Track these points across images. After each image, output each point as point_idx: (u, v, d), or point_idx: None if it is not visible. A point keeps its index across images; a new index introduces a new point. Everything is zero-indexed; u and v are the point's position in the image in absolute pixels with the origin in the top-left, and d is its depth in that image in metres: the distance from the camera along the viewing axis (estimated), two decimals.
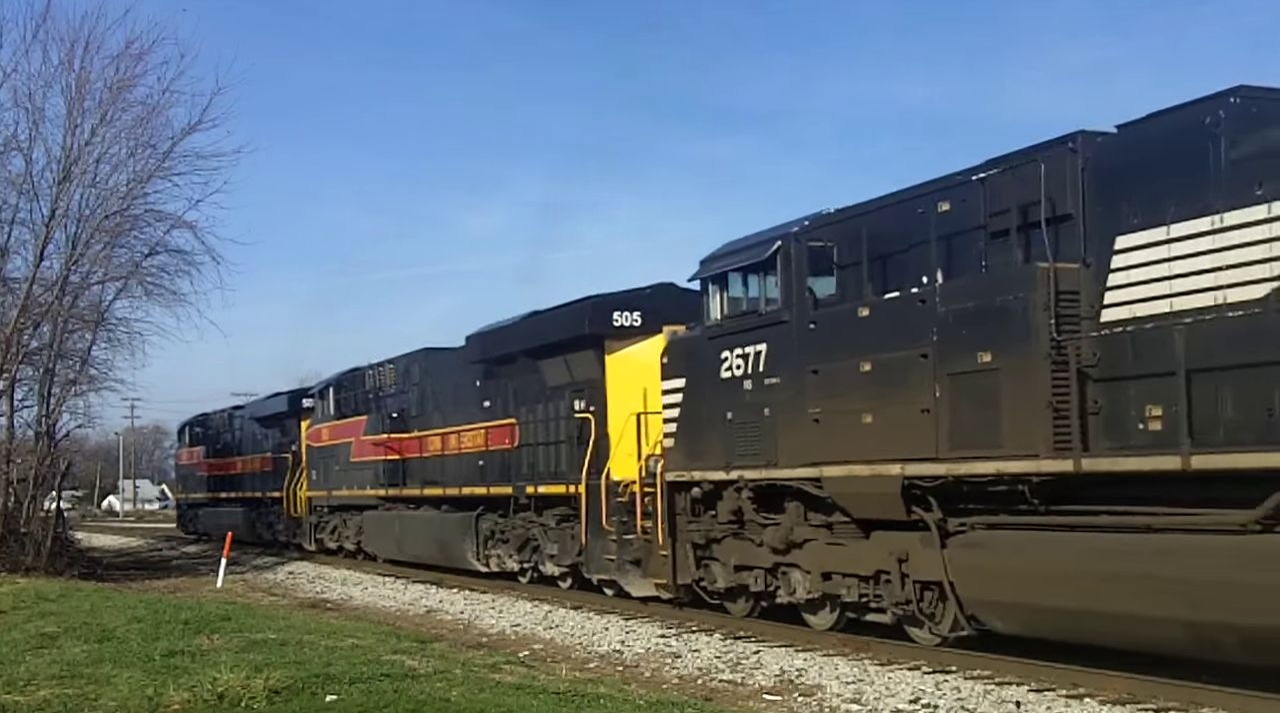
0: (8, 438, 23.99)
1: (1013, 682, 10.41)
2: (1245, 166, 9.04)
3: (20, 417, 25.01)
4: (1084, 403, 9.83)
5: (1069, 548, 10.07)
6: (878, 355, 11.59)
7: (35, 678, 9.75)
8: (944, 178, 11.53)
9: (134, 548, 39.64)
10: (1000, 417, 10.30)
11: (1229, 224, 8.91)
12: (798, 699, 10.38)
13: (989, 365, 10.40)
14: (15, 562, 21.85)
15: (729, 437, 13.65)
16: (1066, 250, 10.22)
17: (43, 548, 23.05)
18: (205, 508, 40.75)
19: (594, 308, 17.54)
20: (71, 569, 23.49)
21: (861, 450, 11.77)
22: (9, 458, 23.50)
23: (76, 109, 23.58)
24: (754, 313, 13.55)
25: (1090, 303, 9.96)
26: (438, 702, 8.45)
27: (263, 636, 12.10)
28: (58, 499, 26.84)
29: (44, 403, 24.66)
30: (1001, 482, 10.42)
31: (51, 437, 25.02)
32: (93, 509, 70.73)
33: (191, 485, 43.38)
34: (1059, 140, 10.41)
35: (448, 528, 21.90)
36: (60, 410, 25.34)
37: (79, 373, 25.50)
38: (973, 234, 11.07)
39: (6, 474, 23.34)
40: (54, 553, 23.61)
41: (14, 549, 22.35)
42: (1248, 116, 9.23)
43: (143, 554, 35.98)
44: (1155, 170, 9.61)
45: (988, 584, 10.88)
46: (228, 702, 8.46)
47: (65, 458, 27.28)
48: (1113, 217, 9.90)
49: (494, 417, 20.40)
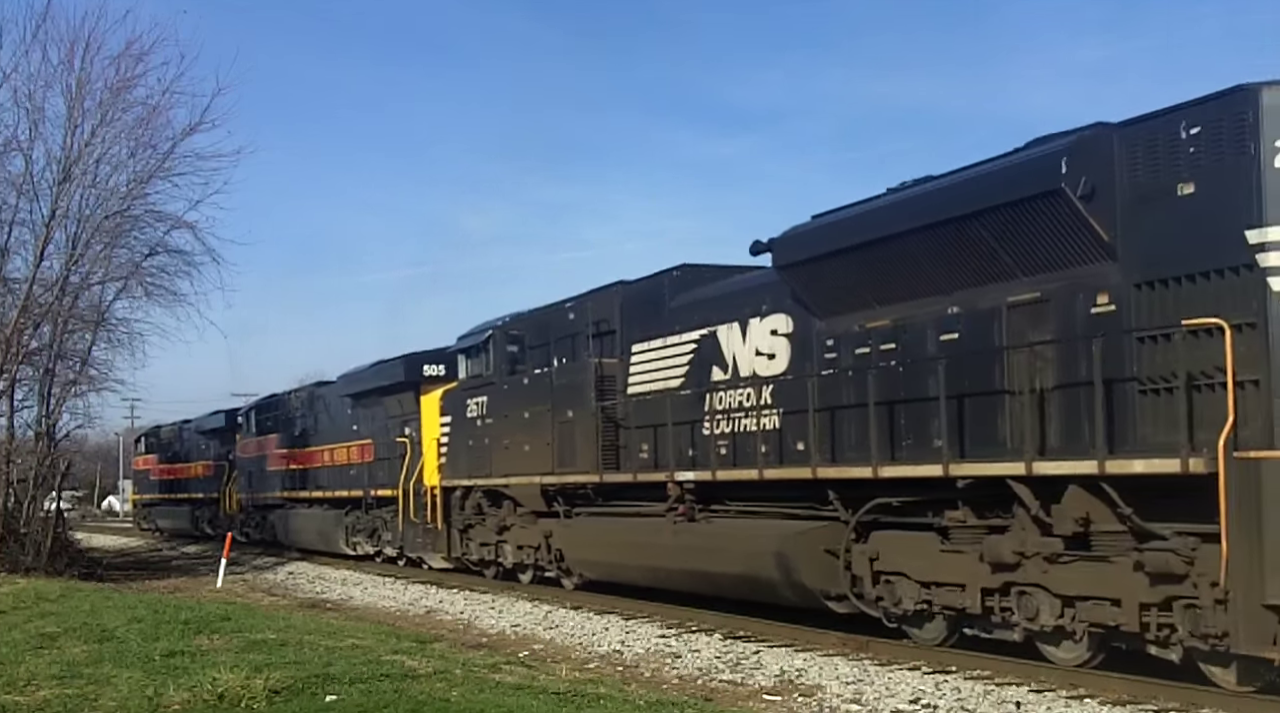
0: (8, 438, 23.87)
1: (1013, 682, 10.35)
2: (677, 312, 15.89)
3: (20, 417, 24.98)
4: (617, 441, 16.60)
5: (608, 525, 16.82)
6: (530, 408, 18.60)
7: (35, 678, 9.74)
8: (569, 298, 18.17)
9: (134, 548, 39.51)
10: (577, 449, 17.20)
11: (669, 344, 15.68)
12: (798, 699, 10.36)
13: (572, 419, 17.35)
14: (15, 562, 21.79)
15: (470, 457, 20.70)
16: (610, 351, 16.93)
17: (43, 548, 22.93)
18: (158, 506, 46.80)
19: (409, 362, 24.43)
20: (71, 569, 23.43)
21: (523, 468, 18.71)
22: (9, 458, 23.38)
23: (77, 109, 23.51)
24: (479, 376, 20.50)
25: (622, 382, 16.53)
26: (438, 702, 8.47)
27: (263, 636, 12.16)
28: (58, 499, 26.80)
29: (44, 403, 24.56)
30: (581, 486, 17.23)
31: (51, 437, 24.93)
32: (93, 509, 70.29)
33: (146, 488, 49.38)
34: (611, 286, 17.27)
35: (326, 522, 28.55)
36: (60, 411, 25.31)
37: (79, 373, 25.35)
38: (575, 337, 17.72)
39: (6, 474, 23.21)
40: (54, 553, 23.49)
41: (14, 549, 22.27)
42: (680, 282, 16.31)
43: (143, 554, 35.95)
44: (644, 310, 16.48)
45: (577, 548, 17.72)
46: (228, 702, 8.47)
47: (65, 458, 27.16)
48: (631, 333, 16.56)
49: (359, 438, 26.93)
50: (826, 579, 12.66)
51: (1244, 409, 8.81)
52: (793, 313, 13.50)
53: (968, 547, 11.02)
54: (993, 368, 10.83)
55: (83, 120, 23.45)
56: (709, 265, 16.42)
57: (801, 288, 13.27)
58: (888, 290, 12.12)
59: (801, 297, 13.31)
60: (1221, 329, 8.80)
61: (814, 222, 13.37)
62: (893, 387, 11.86)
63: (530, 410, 18.60)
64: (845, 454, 12.47)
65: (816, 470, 12.61)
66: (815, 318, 13.15)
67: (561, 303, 18.53)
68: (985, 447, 10.84)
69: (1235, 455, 8.59)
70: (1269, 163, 8.79)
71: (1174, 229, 9.40)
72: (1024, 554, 10.39)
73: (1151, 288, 9.60)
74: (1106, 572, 9.75)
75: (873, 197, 12.60)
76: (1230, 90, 9.08)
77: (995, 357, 10.81)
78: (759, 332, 14.07)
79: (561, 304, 18.50)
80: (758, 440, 13.86)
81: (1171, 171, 9.42)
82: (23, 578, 20.04)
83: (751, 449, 13.93)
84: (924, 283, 11.67)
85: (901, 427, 11.86)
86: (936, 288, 11.56)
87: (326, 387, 30.51)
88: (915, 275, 11.73)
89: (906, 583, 11.86)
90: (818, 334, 13.11)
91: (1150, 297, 9.61)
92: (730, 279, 15.48)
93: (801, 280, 13.23)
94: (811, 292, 13.13)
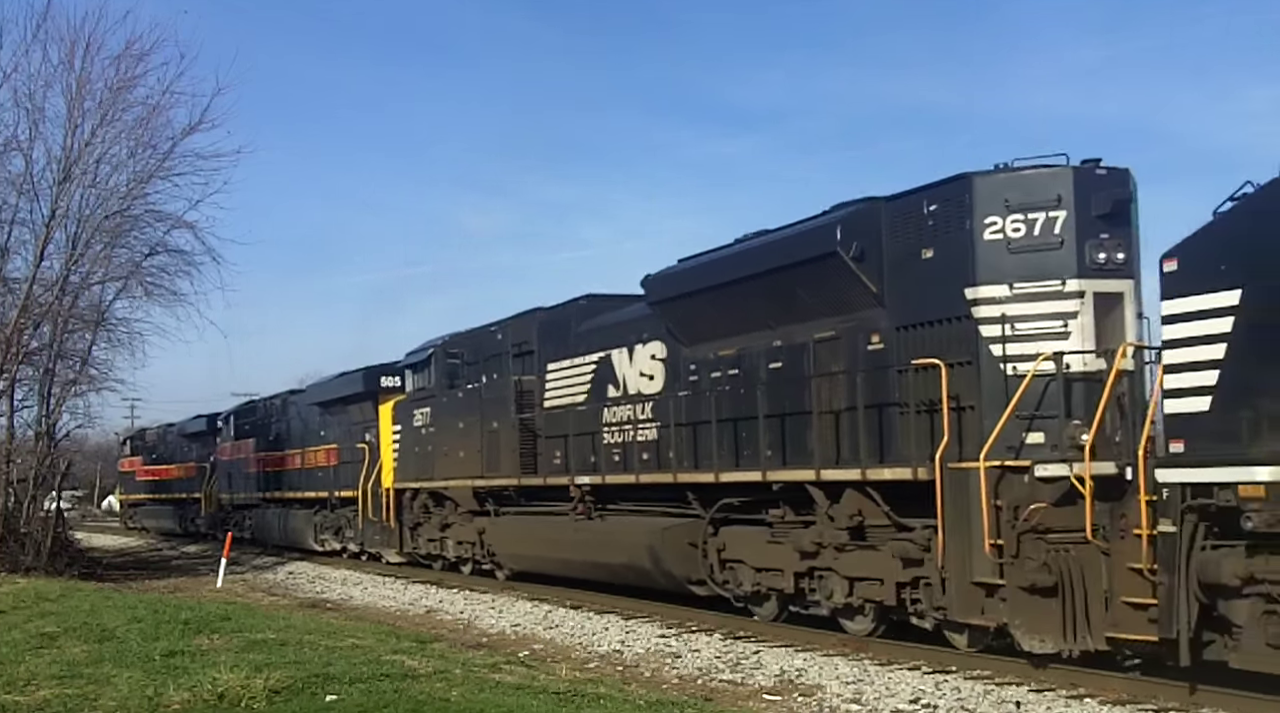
0: (8, 438, 23.80)
1: (1013, 682, 10.55)
2: (582, 337, 18.19)
3: (20, 417, 24.87)
4: (535, 449, 19.04)
5: (527, 523, 19.44)
6: (464, 419, 21.18)
7: (35, 678, 9.75)
8: (496, 321, 20.79)
9: (134, 548, 39.42)
10: (501, 456, 19.81)
11: (576, 364, 18.02)
12: (798, 699, 10.46)
13: (497, 429, 20.00)
14: (15, 562, 21.86)
15: (417, 462, 23.14)
16: (529, 370, 19.36)
17: (43, 548, 23.06)
18: (143, 506, 48.12)
19: (367, 374, 26.69)
20: (71, 569, 23.49)
21: (459, 472, 21.26)
22: (9, 458, 23.37)
23: (77, 109, 23.38)
24: (424, 389, 23.00)
25: (539, 397, 18.95)
26: (438, 702, 8.43)
27: (263, 636, 12.11)
28: (58, 499, 27.06)
29: (44, 403, 24.50)
30: (505, 489, 19.84)
31: (51, 437, 24.95)
32: (93, 509, 69.96)
33: (131, 488, 50.71)
34: (531, 311, 19.82)
35: (297, 521, 30.89)
36: (60, 410, 25.24)
37: (79, 373, 25.26)
38: (501, 356, 20.22)
39: (6, 474, 23.25)
40: (54, 553, 23.60)
41: (14, 549, 22.37)
42: (586, 310, 18.60)
43: (143, 554, 35.94)
44: (557, 334, 18.82)
45: (503, 544, 20.34)
46: (228, 702, 8.45)
47: (65, 458, 27.49)
48: (546, 353, 18.92)
49: (327, 442, 29.05)
50: (689, 567, 15.08)
51: (963, 429, 11.24)
52: (666, 341, 15.89)
53: (785, 539, 13.43)
54: (803, 392, 13.23)
55: (83, 120, 23.34)
56: (611, 295, 18.74)
57: (670, 320, 15.68)
58: (733, 325, 14.52)
59: (671, 328, 15.72)
60: (939, 366, 11.21)
61: (679, 264, 15.78)
62: (734, 405, 14.29)
63: (464, 421, 21.10)
64: (703, 462, 14.90)
65: (677, 475, 15.10)
66: (682, 346, 15.55)
67: (490, 325, 21.06)
68: (799, 456, 13.26)
69: (950, 466, 11.01)
70: (980, 236, 11.23)
71: (920, 285, 11.84)
72: (821, 544, 12.81)
73: (908, 331, 12.03)
74: (876, 558, 12.17)
75: (723, 246, 15.02)
76: (955, 177, 11.53)
77: (804, 383, 13.22)
78: (642, 356, 16.48)
79: (490, 326, 21.01)
80: (641, 450, 16.32)
81: (919, 239, 11.85)
82: (23, 578, 20.05)
83: (636, 457, 16.39)
84: (757, 320, 14.09)
85: (742, 439, 14.28)
86: (766, 324, 13.98)
87: (298, 395, 32.60)
88: (751, 313, 14.14)
89: (745, 569, 14.31)
90: (684, 360, 15.50)
91: (907, 337, 12.03)
92: (625, 309, 17.77)
93: (669, 314, 15.65)
94: (677, 324, 15.55)
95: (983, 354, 11.19)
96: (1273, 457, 8.16)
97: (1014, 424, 10.86)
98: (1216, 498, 8.65)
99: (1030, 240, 11.11)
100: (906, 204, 12.07)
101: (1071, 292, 11.04)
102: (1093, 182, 11.10)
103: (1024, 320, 11.11)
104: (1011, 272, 11.14)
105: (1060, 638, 10.29)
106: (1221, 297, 8.60)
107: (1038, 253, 11.09)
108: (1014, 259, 11.14)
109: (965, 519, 10.87)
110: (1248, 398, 8.38)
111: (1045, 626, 10.38)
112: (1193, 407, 8.79)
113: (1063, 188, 11.08)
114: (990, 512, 10.63)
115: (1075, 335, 11.02)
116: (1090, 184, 11.09)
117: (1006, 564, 10.54)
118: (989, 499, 10.62)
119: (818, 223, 13.04)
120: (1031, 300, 11.10)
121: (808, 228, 13.21)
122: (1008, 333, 11.10)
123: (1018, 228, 11.16)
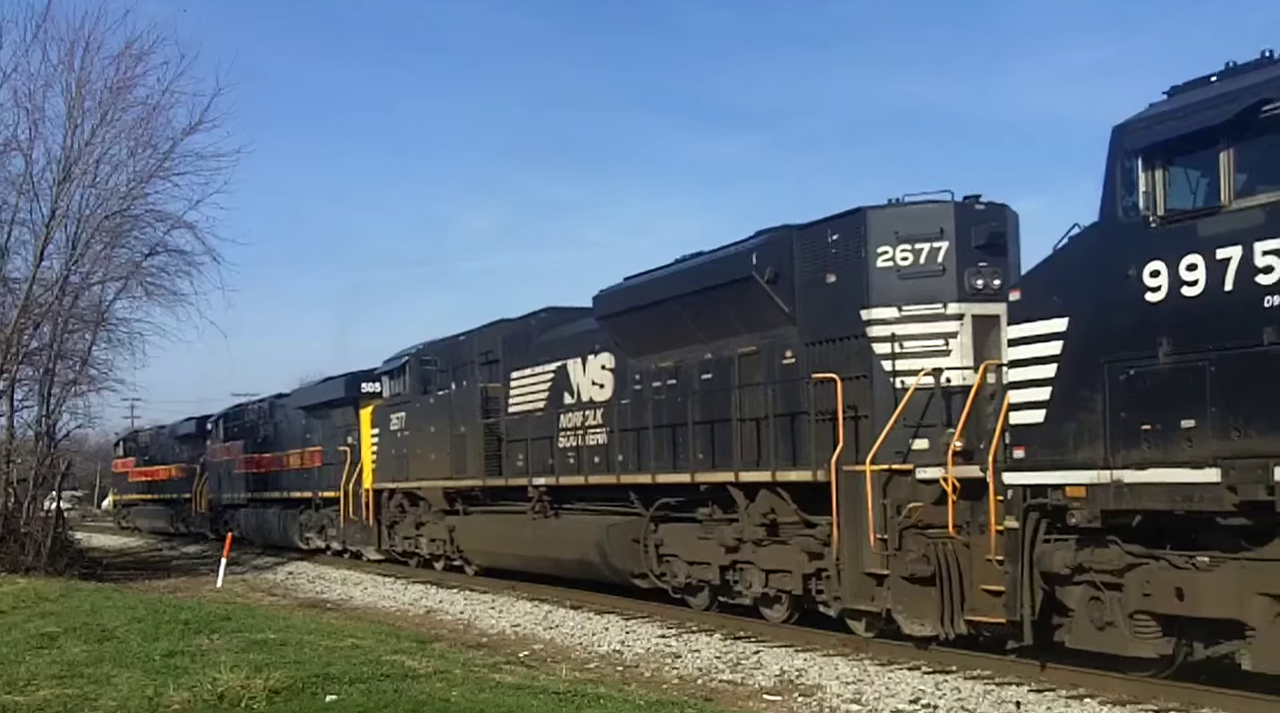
0: (8, 438, 23.92)
1: (1013, 682, 10.63)
2: (542, 347, 19.75)
3: (20, 417, 24.94)
4: (500, 451, 20.37)
5: (491, 521, 20.70)
6: (436, 423, 22.48)
7: (35, 678, 9.79)
8: (465, 331, 22.32)
9: (134, 548, 39.69)
10: (468, 458, 21.09)
11: (536, 372, 19.44)
12: (798, 699, 10.56)
13: (464, 433, 21.27)
14: (15, 562, 21.95)
15: (394, 464, 24.51)
16: (495, 377, 20.76)
17: (43, 548, 23.13)
18: (137, 506, 49.95)
19: (349, 380, 28.13)
20: (71, 569, 23.57)
21: (431, 473, 22.55)
22: (9, 458, 23.48)
23: (76, 109, 23.39)
24: (399, 395, 24.46)
25: (504, 403, 20.34)
26: (438, 702, 8.47)
27: (263, 636, 12.18)
28: (58, 499, 27.18)
29: (44, 403, 24.60)
30: (472, 489, 21.10)
31: (51, 437, 25.08)
32: (93, 509, 70.28)
33: (125, 489, 52.43)
34: (496, 323, 21.25)
35: (283, 520, 32.30)
36: (60, 411, 25.35)
37: (79, 373, 25.33)
38: (469, 364, 21.64)
39: (6, 474, 23.37)
40: (54, 553, 23.64)
41: (14, 549, 22.48)
42: (546, 322, 20.29)
43: (143, 554, 36.18)
44: (519, 344, 20.35)
45: (470, 541, 21.72)
46: (228, 702, 8.49)
47: (65, 458, 27.69)
48: (510, 362, 20.31)
49: (311, 445, 30.30)
50: (632, 561, 16.44)
51: (859, 436, 12.57)
52: (614, 352, 17.24)
53: (712, 535, 14.76)
54: (728, 401, 14.56)
55: (83, 120, 23.34)
56: (569, 308, 20.12)
57: (616, 334, 17.02)
58: (670, 339, 15.86)
59: (617, 340, 17.06)
60: (834, 380, 12.55)
61: (624, 283, 17.12)
62: (671, 413, 15.63)
63: (435, 425, 22.44)
64: (643, 465, 16.22)
65: (620, 477, 16.47)
66: (628, 357, 16.89)
67: (460, 335, 22.51)
68: (724, 460, 14.60)
69: (844, 469, 12.34)
70: (874, 263, 12.58)
71: (825, 306, 13.19)
72: (741, 540, 14.15)
73: (816, 346, 13.37)
74: (786, 551, 13.51)
75: (662, 266, 16.37)
76: (852, 211, 12.90)
77: (729, 393, 14.54)
78: (594, 366, 17.82)
79: (460, 336, 22.46)
80: (592, 453, 17.66)
81: (823, 265, 13.19)
82: (23, 578, 20.09)
83: (588, 460, 17.72)
84: (691, 335, 15.44)
85: (678, 444, 15.61)
86: (698, 339, 15.32)
87: (284, 399, 33.97)
88: (685, 329, 15.49)
89: (679, 563, 15.66)
90: (630, 370, 16.84)
91: (815, 353, 13.37)
92: (580, 321, 19.08)
93: (616, 328, 17.00)
94: (622, 337, 16.90)
95: (875, 369, 12.54)
96: (1089, 462, 9.47)
97: (902, 432, 12.21)
98: (1050, 498, 9.94)
99: (917, 268, 12.49)
100: (814, 233, 13.41)
101: (952, 314, 12.43)
102: (972, 216, 12.49)
103: (911, 339, 12.50)
104: (901, 296, 12.52)
105: (938, 623, 11.58)
106: (1053, 323, 9.87)
107: (923, 279, 12.47)
108: (903, 285, 12.52)
109: (857, 516, 12.21)
110: (1071, 411, 9.66)
111: (924, 611, 11.70)
112: (1031, 418, 10.07)
113: (945, 221, 12.45)
114: (877, 510, 11.98)
115: (955, 353, 12.40)
116: (970, 218, 12.48)
117: (891, 556, 11.88)
118: (875, 498, 11.97)
119: (739, 248, 14.41)
120: (917, 321, 12.48)
121: (730, 253, 14.57)
122: (897, 350, 12.48)
123: (906, 257, 12.53)
